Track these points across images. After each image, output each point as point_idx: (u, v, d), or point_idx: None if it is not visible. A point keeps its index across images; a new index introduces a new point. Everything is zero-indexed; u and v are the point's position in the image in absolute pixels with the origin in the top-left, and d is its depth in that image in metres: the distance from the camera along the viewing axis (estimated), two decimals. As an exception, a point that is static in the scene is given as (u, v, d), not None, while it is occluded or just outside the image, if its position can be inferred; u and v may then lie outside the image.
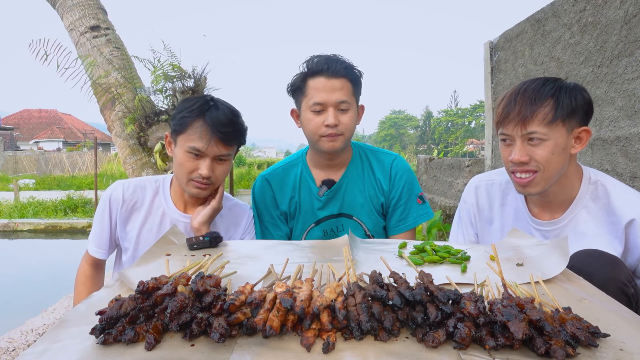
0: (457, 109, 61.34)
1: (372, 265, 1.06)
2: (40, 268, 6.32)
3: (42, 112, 46.14)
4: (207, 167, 1.43)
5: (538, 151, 1.28)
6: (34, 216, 10.03)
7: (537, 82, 1.32)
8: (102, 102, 4.40)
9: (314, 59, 1.62)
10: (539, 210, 1.45)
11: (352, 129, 1.64)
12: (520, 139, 1.29)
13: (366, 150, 1.84)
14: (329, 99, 1.56)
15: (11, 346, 2.84)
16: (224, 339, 0.65)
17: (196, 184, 1.47)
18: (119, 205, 1.55)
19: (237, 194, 10.90)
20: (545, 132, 1.26)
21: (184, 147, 1.44)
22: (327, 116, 1.57)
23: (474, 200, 1.61)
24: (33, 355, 0.63)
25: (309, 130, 1.63)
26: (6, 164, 24.71)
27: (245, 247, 1.31)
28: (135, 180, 1.61)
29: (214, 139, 1.42)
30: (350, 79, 1.61)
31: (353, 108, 1.63)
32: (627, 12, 2.33)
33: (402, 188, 1.77)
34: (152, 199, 1.58)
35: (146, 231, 1.56)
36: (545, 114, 1.26)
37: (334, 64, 1.58)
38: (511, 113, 1.29)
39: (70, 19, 4.54)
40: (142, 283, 0.74)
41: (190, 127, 1.43)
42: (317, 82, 1.58)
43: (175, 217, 1.57)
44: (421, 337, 0.68)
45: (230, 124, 1.46)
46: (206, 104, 1.46)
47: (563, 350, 0.62)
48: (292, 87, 1.68)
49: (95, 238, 1.59)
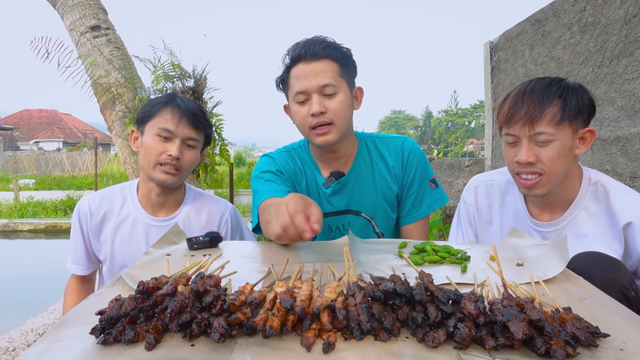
0: (457, 109, 61.36)
1: (372, 265, 1.06)
2: (40, 268, 6.32)
3: (42, 112, 46.14)
4: (176, 148, 1.45)
5: (545, 152, 1.26)
6: (34, 216, 10.03)
7: (543, 81, 1.31)
8: (102, 102, 4.40)
9: (294, 47, 1.47)
10: (538, 211, 1.45)
11: (344, 115, 1.45)
12: (527, 139, 1.28)
13: (373, 138, 1.68)
14: (310, 84, 1.40)
15: (11, 346, 2.84)
16: (224, 339, 0.65)
17: (164, 168, 1.46)
18: (87, 219, 1.56)
19: (237, 194, 10.89)
20: (553, 132, 1.24)
21: (153, 130, 1.46)
22: (311, 104, 1.41)
23: (473, 201, 1.60)
24: (33, 355, 0.63)
25: (298, 123, 1.49)
26: (6, 164, 24.71)
27: (245, 247, 1.31)
28: (100, 191, 1.62)
29: (183, 120, 1.45)
30: (335, 59, 1.43)
31: (343, 91, 1.44)
32: (627, 12, 2.33)
33: (414, 171, 1.62)
34: (121, 207, 1.57)
35: (119, 240, 1.56)
36: (553, 114, 1.24)
37: (312, 46, 1.42)
38: (518, 113, 1.27)
39: (71, 18, 4.54)
40: (142, 283, 0.74)
41: (159, 112, 1.47)
42: (297, 70, 1.43)
43: (147, 222, 1.56)
44: (421, 337, 0.68)
45: (199, 111, 1.50)
46: (173, 95, 1.52)
47: (563, 350, 0.62)
48: (278, 80, 1.55)
49: (72, 255, 1.62)
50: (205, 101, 4.72)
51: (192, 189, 1.67)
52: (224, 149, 5.14)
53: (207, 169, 4.88)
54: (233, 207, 1.71)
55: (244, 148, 55.41)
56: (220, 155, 5.17)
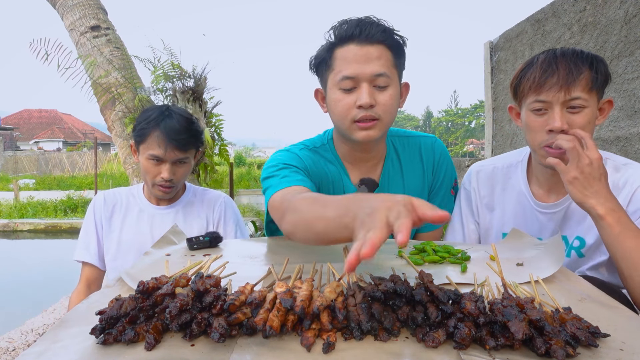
0: (457, 109, 61.38)
1: (372, 265, 1.06)
2: (40, 268, 6.33)
3: (42, 112, 46.16)
4: (167, 171, 1.59)
5: (578, 119, 1.20)
6: (34, 216, 10.03)
7: (569, 49, 1.25)
8: (102, 102, 4.41)
9: (342, 24, 1.27)
10: (544, 192, 1.39)
11: (392, 111, 1.28)
12: (560, 105, 1.20)
13: (399, 136, 1.51)
14: (362, 71, 1.21)
15: (11, 346, 2.84)
16: (224, 339, 0.65)
17: (160, 187, 1.63)
18: (101, 209, 1.73)
19: (237, 194, 10.89)
20: (587, 98, 1.19)
21: (145, 154, 1.60)
22: (360, 94, 1.22)
23: (475, 186, 1.54)
24: (33, 355, 0.63)
25: (337, 113, 1.29)
26: (6, 164, 24.72)
27: (245, 247, 1.31)
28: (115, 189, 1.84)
29: (170, 146, 1.56)
30: (390, 46, 1.25)
31: (394, 84, 1.26)
32: (627, 12, 2.33)
33: (443, 176, 1.53)
34: (128, 199, 1.77)
35: (127, 227, 1.71)
36: (587, 79, 1.19)
37: (368, 27, 1.23)
38: (552, 77, 1.20)
39: (71, 19, 4.55)
40: (142, 283, 0.74)
41: (149, 137, 1.58)
42: (346, 51, 1.24)
43: (151, 211, 1.73)
44: (421, 337, 0.68)
45: (184, 131, 1.58)
46: (161, 115, 1.60)
47: (563, 350, 0.62)
48: (315, 59, 1.34)
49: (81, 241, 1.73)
50: (205, 101, 4.72)
51: (192, 185, 1.86)
52: (223, 149, 5.14)
53: (207, 169, 4.88)
54: (227, 196, 1.88)
55: (244, 148, 55.41)
56: (220, 156, 5.17)
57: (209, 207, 1.79)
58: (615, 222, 1.06)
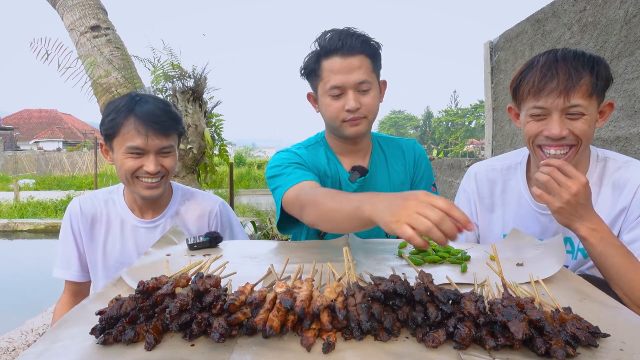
0: (457, 109, 61.37)
1: (372, 265, 1.06)
2: (40, 268, 6.32)
3: (42, 112, 46.16)
4: (152, 163, 1.35)
5: (578, 125, 1.19)
6: (34, 216, 10.03)
7: (570, 51, 1.24)
8: (102, 102, 4.41)
9: (325, 35, 1.45)
10: None
11: (375, 110, 1.50)
12: (558, 112, 1.20)
13: (382, 137, 1.73)
14: (347, 80, 1.41)
15: (11, 346, 2.84)
16: (224, 339, 0.65)
17: (145, 183, 1.39)
18: (79, 219, 1.51)
19: (237, 194, 10.89)
20: (586, 105, 1.18)
21: (122, 149, 1.35)
22: (347, 100, 1.42)
23: (474, 187, 1.55)
24: (33, 355, 0.63)
25: (329, 116, 1.48)
26: (6, 164, 24.72)
27: (245, 247, 1.31)
28: (90, 193, 1.58)
29: (151, 132, 1.34)
30: (369, 54, 1.44)
31: (374, 87, 1.47)
32: (627, 12, 2.33)
33: (423, 172, 1.69)
34: (109, 209, 1.53)
35: (110, 243, 1.51)
36: (587, 85, 1.18)
37: (349, 39, 1.41)
38: (550, 84, 1.19)
39: (71, 19, 4.55)
40: (142, 283, 0.74)
41: (123, 127, 1.34)
42: (332, 63, 1.42)
43: (134, 224, 1.51)
44: (421, 337, 0.68)
45: (164, 113, 1.37)
46: (132, 100, 1.38)
47: (563, 350, 0.62)
48: (305, 69, 1.52)
49: (60, 258, 1.54)
50: (205, 101, 4.73)
51: (179, 187, 1.62)
52: (223, 149, 5.14)
53: (207, 169, 4.89)
54: (222, 201, 1.65)
55: (244, 148, 55.40)
56: (220, 156, 5.17)
57: (203, 220, 1.57)
58: (597, 242, 1.11)
